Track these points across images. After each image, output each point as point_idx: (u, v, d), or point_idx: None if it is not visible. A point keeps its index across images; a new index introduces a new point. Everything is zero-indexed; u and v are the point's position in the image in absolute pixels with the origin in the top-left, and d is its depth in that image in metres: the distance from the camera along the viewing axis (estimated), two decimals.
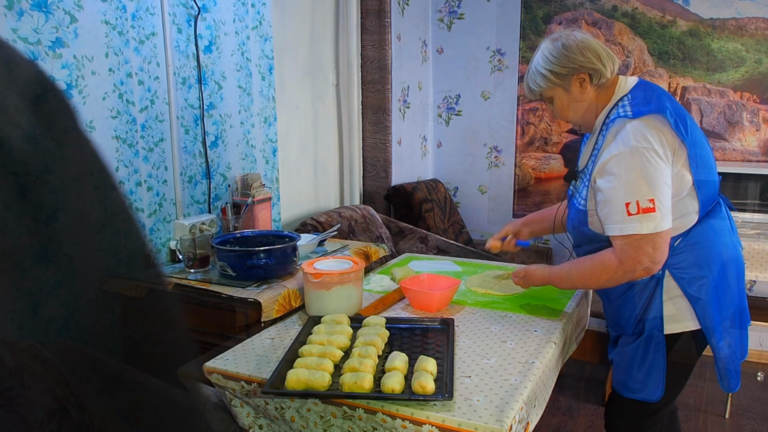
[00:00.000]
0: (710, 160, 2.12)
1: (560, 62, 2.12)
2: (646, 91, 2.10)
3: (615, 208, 1.98)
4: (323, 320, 2.12)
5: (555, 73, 2.13)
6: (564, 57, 2.11)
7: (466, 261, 3.09)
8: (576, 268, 2.15)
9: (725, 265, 2.11)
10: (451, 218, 5.00)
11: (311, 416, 1.73)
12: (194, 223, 2.78)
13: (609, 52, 2.14)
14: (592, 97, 2.16)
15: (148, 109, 2.65)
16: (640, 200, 1.93)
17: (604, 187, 2.02)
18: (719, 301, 2.09)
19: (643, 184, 1.94)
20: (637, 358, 2.18)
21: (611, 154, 2.00)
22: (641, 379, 2.18)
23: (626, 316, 2.21)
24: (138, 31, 2.58)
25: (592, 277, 2.10)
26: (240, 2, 3.06)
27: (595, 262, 2.08)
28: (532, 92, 2.25)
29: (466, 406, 1.63)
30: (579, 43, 2.11)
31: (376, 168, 4.47)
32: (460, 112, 5.39)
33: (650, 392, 2.17)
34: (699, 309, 2.08)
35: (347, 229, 3.69)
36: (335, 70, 4.14)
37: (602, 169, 2.03)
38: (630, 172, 1.96)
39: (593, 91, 2.15)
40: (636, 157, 1.95)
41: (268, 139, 3.38)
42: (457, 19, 5.27)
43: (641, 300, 2.15)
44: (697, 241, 2.09)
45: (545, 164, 5.19)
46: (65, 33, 2.26)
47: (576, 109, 2.19)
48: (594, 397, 4.02)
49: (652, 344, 2.15)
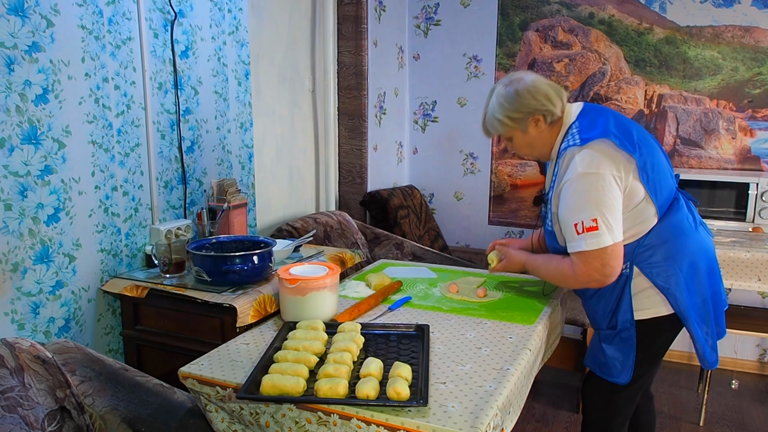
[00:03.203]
0: (662, 163, 2.29)
1: (514, 108, 2.28)
2: (590, 116, 2.29)
3: (567, 228, 2.19)
4: (298, 326, 2.13)
5: (511, 117, 2.30)
6: (517, 102, 2.28)
7: (441, 267, 3.10)
8: (545, 266, 2.38)
9: (693, 256, 2.26)
10: (426, 225, 5.01)
11: (286, 422, 1.74)
12: (170, 228, 2.77)
13: (558, 89, 2.32)
14: (546, 133, 2.34)
15: (124, 113, 2.64)
16: (584, 220, 2.12)
17: (559, 211, 2.23)
18: (689, 288, 2.24)
19: (585, 205, 2.13)
20: (610, 345, 2.35)
21: (563, 181, 2.20)
22: (611, 364, 2.35)
23: (600, 312, 2.38)
24: (114, 36, 2.57)
25: (554, 279, 2.36)
26: (216, 8, 3.06)
27: (558, 267, 2.29)
28: (489, 135, 2.45)
29: (441, 412, 1.63)
30: (530, 87, 2.28)
31: (351, 174, 4.47)
32: (437, 119, 5.41)
33: (620, 376, 2.34)
34: (670, 297, 2.23)
35: (323, 235, 3.70)
36: (311, 75, 4.14)
37: (557, 195, 2.25)
38: (575, 195, 2.15)
39: (547, 128, 2.33)
40: (581, 182, 2.14)
41: (244, 144, 3.37)
42: (434, 26, 5.29)
43: (612, 298, 2.31)
44: (664, 239, 2.24)
45: (521, 171, 5.22)
46: (41, 37, 2.24)
47: (533, 145, 2.38)
48: (568, 404, 4.04)
49: (623, 335, 2.32)
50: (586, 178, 2.13)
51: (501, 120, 2.32)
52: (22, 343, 1.96)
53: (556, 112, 2.28)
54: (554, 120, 2.30)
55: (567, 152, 2.21)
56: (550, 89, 2.29)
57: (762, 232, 3.94)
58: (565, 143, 2.25)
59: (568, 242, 2.20)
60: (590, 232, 2.11)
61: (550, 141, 2.35)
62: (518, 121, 2.30)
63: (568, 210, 2.17)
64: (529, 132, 2.32)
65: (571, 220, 2.15)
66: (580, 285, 2.27)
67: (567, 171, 2.18)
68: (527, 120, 2.29)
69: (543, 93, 2.27)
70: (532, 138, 2.34)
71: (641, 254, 2.24)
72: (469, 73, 5.23)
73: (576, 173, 2.14)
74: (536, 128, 2.31)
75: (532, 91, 2.26)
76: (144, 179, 2.76)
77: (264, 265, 2.53)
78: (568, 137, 2.25)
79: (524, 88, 2.27)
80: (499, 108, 2.31)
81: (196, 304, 2.40)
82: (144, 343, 2.61)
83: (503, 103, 2.30)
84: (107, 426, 2.01)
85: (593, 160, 2.13)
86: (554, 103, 2.28)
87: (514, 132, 2.35)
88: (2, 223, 2.16)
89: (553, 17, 4.88)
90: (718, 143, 4.51)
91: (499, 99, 2.32)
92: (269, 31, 3.64)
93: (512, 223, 5.26)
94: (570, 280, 2.25)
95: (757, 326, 3.86)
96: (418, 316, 2.38)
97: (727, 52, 4.43)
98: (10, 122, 2.15)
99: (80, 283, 2.50)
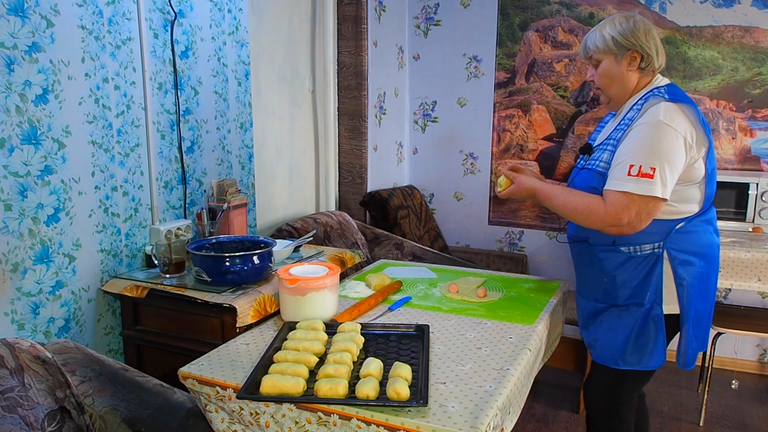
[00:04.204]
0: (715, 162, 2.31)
1: (624, 34, 2.27)
2: (677, 89, 2.27)
3: (619, 166, 2.16)
4: (298, 326, 2.13)
5: (616, 41, 2.28)
6: (629, 31, 2.27)
7: (441, 267, 3.11)
8: (565, 196, 2.31)
9: (712, 259, 2.31)
10: (426, 225, 5.01)
11: (286, 422, 1.74)
12: (170, 229, 2.77)
13: (663, 50, 2.32)
14: (633, 78, 2.32)
15: (124, 114, 2.64)
16: (642, 165, 2.10)
17: (618, 149, 2.22)
18: (700, 288, 2.26)
19: (651, 152, 2.11)
20: (635, 330, 2.31)
21: (637, 124, 2.19)
22: (640, 349, 2.31)
23: (619, 286, 2.33)
24: (114, 36, 2.57)
25: (574, 210, 2.26)
26: (216, 8, 3.06)
27: (585, 200, 2.23)
28: (586, 50, 2.40)
29: (441, 412, 1.64)
30: (647, 27, 2.29)
31: (351, 174, 4.47)
32: (437, 119, 5.41)
33: (654, 361, 2.31)
34: (681, 291, 2.25)
35: (323, 235, 3.70)
36: (311, 75, 4.14)
37: (627, 133, 2.22)
38: (645, 139, 2.14)
39: (636, 73, 2.32)
40: (656, 129, 2.13)
41: (244, 144, 3.37)
42: (434, 26, 5.29)
43: (640, 272, 2.28)
44: (695, 230, 2.26)
45: None
46: (41, 37, 2.25)
47: (615, 79, 2.34)
48: (568, 404, 4.04)
49: (651, 317, 2.28)
50: (662, 127, 2.12)
51: (605, 38, 2.30)
52: (22, 343, 1.96)
53: (654, 63, 2.29)
54: (646, 69, 2.31)
55: (651, 99, 2.20)
56: (660, 44, 2.31)
57: (762, 232, 3.94)
58: (649, 95, 2.25)
59: (613, 179, 2.17)
60: (644, 178, 2.09)
61: (630, 86, 2.33)
62: (620, 47, 2.28)
63: (630, 150, 2.16)
64: (621, 64, 2.30)
65: (629, 160, 2.13)
66: (600, 224, 2.19)
67: (644, 116, 2.18)
68: (627, 51, 2.28)
69: (654, 39, 2.28)
70: (619, 72, 2.32)
71: (672, 237, 2.24)
72: (469, 73, 5.23)
73: (655, 119, 2.13)
74: (628, 65, 2.30)
75: (647, 30, 2.28)
76: (144, 179, 2.76)
77: (264, 265, 2.53)
78: (654, 93, 2.24)
79: (642, 24, 2.28)
80: (611, 26, 2.30)
81: (196, 304, 2.40)
82: (144, 343, 2.62)
83: (617, 25, 2.29)
84: (107, 426, 2.01)
85: (676, 116, 2.13)
86: (657, 55, 2.29)
87: (608, 56, 2.32)
88: (2, 223, 2.16)
89: (553, 17, 4.88)
90: (718, 143, 4.50)
91: (615, 21, 2.31)
92: (269, 31, 3.64)
93: (512, 223, 5.26)
94: (593, 216, 2.19)
95: (757, 326, 3.85)
96: (418, 316, 2.38)
97: (727, 52, 4.43)
98: (10, 122, 2.15)
99: (80, 283, 2.50)
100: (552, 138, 5.02)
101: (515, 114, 5.11)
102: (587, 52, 2.39)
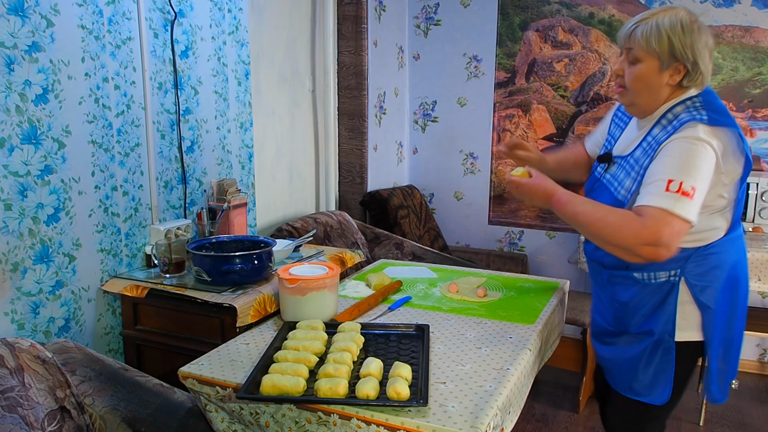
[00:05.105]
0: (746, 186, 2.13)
1: (684, 43, 1.96)
2: (717, 100, 2.04)
3: (654, 181, 1.89)
4: (298, 326, 2.13)
5: (672, 43, 1.96)
6: (692, 37, 1.96)
7: (441, 267, 3.10)
8: (590, 204, 2.02)
9: (737, 281, 2.11)
10: (426, 224, 5.01)
11: (286, 422, 1.74)
12: (170, 228, 2.77)
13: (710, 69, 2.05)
14: (667, 90, 2.04)
15: (124, 113, 2.64)
16: (684, 181, 1.83)
17: (653, 167, 1.94)
18: (724, 315, 2.08)
19: (693, 170, 1.85)
20: (642, 360, 2.14)
21: (672, 138, 1.93)
22: (647, 382, 2.14)
23: (632, 314, 2.17)
24: (114, 36, 2.57)
25: (601, 221, 1.95)
26: (216, 7, 3.06)
27: (617, 212, 1.94)
28: (631, 38, 2.04)
29: (441, 412, 1.64)
30: (709, 41, 1.99)
31: (351, 174, 4.47)
32: (437, 119, 5.41)
33: (657, 396, 2.13)
34: (707, 317, 2.06)
35: (323, 235, 3.70)
36: (311, 75, 4.14)
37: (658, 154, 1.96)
38: (685, 154, 1.88)
39: (673, 86, 2.03)
40: (697, 147, 1.88)
41: (244, 144, 3.37)
42: (434, 26, 5.29)
43: (652, 301, 2.11)
44: (717, 251, 2.06)
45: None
46: (41, 37, 2.24)
47: (650, 87, 2.04)
48: (568, 404, 4.04)
49: (661, 348, 2.11)
50: (705, 148, 1.87)
51: (662, 36, 1.95)
52: (22, 343, 1.96)
53: (698, 80, 2.00)
54: (684, 84, 2.01)
55: (688, 124, 1.92)
56: (711, 61, 2.02)
57: (762, 232, 3.94)
58: (686, 113, 1.97)
59: (648, 194, 1.88)
60: (684, 197, 1.81)
61: (662, 98, 2.05)
62: (670, 55, 1.96)
63: (667, 165, 1.89)
64: (663, 75, 2.00)
65: (667, 175, 1.86)
66: (633, 242, 1.85)
67: (682, 131, 1.92)
68: (674, 62, 1.98)
69: (710, 55, 1.99)
70: (657, 82, 2.01)
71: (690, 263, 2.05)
72: (469, 73, 5.23)
73: (696, 137, 1.87)
74: (670, 77, 2.00)
75: (707, 44, 1.98)
76: (144, 179, 2.76)
77: (264, 265, 2.53)
78: (689, 109, 1.98)
79: (706, 35, 1.97)
80: (672, 26, 1.95)
81: (196, 304, 2.40)
82: (144, 343, 2.61)
83: (679, 28, 1.95)
84: (107, 426, 2.01)
85: (714, 140, 1.89)
86: (705, 73, 2.00)
87: (652, 59, 1.99)
88: (2, 223, 2.16)
89: (553, 17, 4.88)
90: None
91: (681, 21, 1.96)
92: (269, 31, 3.64)
93: (512, 223, 5.26)
94: (626, 231, 1.86)
95: (757, 326, 3.85)
96: (418, 316, 2.38)
97: (727, 52, 4.43)
98: (10, 122, 2.15)
99: (80, 283, 2.50)
100: (552, 138, 5.02)
101: (515, 114, 5.11)
102: (629, 42, 2.04)
